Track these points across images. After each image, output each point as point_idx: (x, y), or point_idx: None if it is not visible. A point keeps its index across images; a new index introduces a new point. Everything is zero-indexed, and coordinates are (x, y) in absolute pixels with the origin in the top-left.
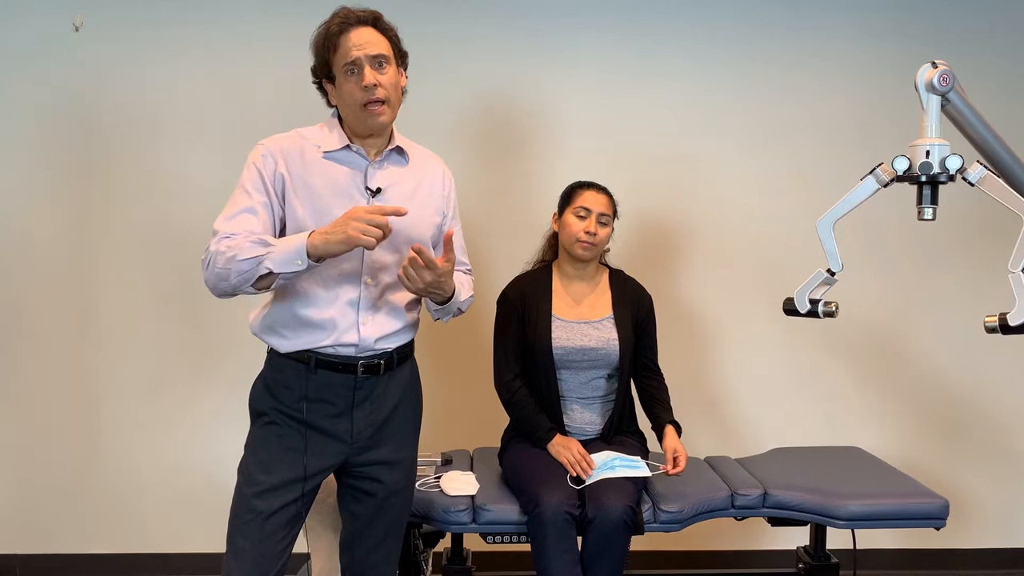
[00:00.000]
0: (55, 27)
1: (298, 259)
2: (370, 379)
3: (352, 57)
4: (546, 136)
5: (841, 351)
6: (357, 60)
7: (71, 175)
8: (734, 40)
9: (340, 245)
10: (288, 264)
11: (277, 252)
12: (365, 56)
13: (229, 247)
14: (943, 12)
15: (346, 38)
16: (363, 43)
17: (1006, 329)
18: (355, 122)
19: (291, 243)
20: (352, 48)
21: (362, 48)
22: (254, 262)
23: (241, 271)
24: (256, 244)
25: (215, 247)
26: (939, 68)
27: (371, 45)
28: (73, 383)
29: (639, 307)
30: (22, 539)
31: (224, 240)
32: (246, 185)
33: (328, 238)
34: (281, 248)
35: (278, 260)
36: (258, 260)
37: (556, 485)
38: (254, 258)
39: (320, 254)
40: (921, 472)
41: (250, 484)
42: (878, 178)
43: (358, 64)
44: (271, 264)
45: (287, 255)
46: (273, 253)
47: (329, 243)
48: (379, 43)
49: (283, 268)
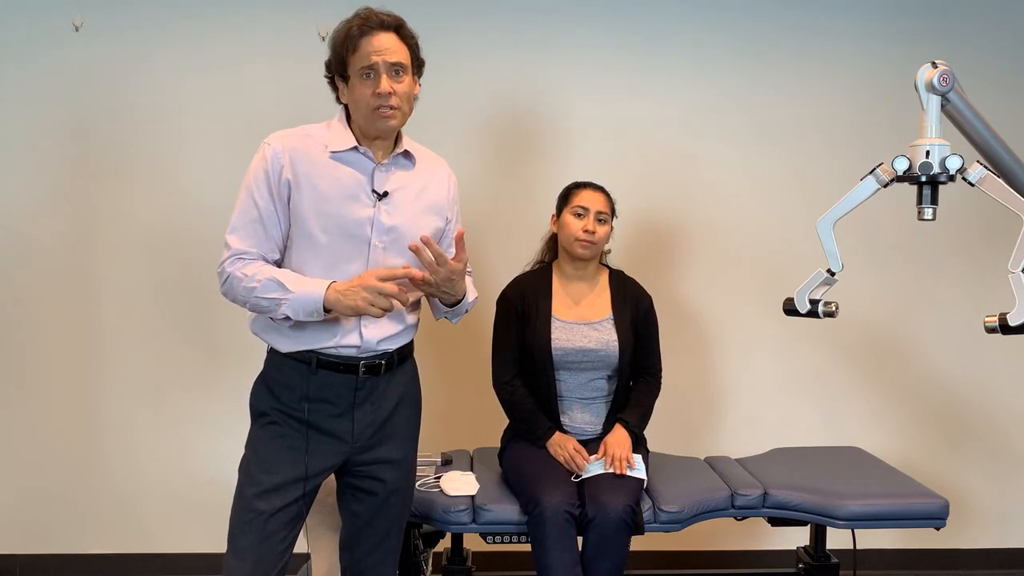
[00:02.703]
0: (55, 27)
1: (315, 312)
2: (371, 379)
3: (371, 61)
4: (547, 137)
5: (841, 351)
6: (375, 65)
7: (71, 175)
8: (735, 40)
9: (350, 311)
10: (306, 315)
11: (296, 300)
12: (383, 63)
13: (245, 275)
14: (943, 12)
15: (367, 41)
16: (383, 49)
17: (1006, 329)
18: (364, 123)
19: (309, 294)
20: (372, 53)
21: (381, 54)
22: (273, 303)
23: (260, 307)
24: (275, 285)
25: (231, 269)
26: (939, 68)
27: (391, 52)
28: (73, 383)
29: (638, 307)
30: (23, 539)
31: (239, 263)
32: (252, 191)
33: (342, 301)
34: (300, 296)
35: (297, 309)
36: (276, 303)
37: (556, 485)
38: (273, 299)
39: (333, 311)
40: (921, 472)
41: (251, 484)
42: (878, 178)
43: (375, 69)
44: (289, 312)
45: (305, 306)
46: (292, 300)
47: (341, 305)
48: (399, 51)
49: (300, 317)
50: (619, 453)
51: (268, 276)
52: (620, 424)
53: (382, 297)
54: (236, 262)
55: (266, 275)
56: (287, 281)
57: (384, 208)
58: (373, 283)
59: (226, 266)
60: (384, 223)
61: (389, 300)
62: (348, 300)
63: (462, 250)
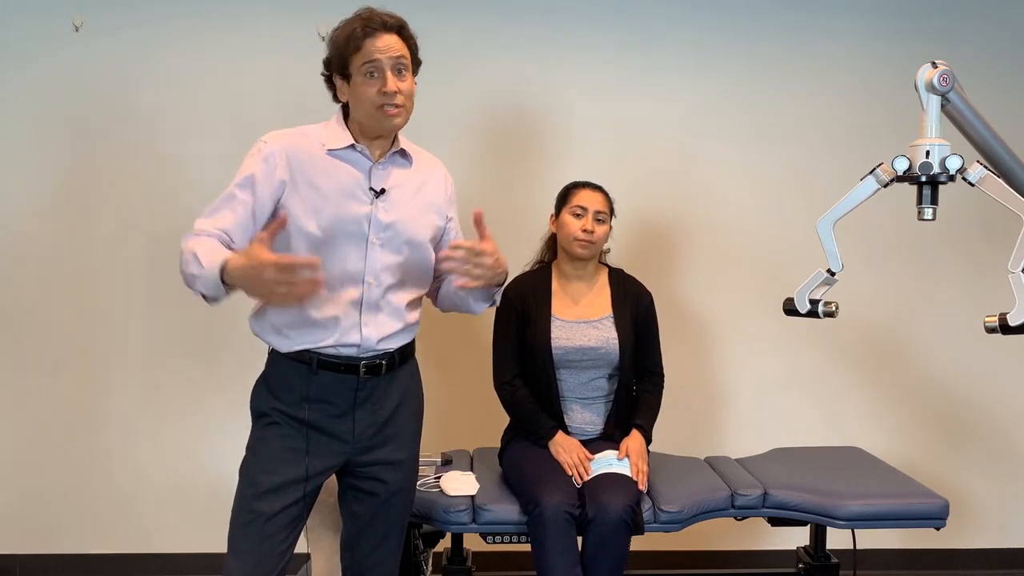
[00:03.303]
0: (55, 27)
1: (217, 288)
2: (372, 379)
3: (374, 58)
4: (547, 137)
5: (841, 351)
6: (379, 63)
7: (71, 175)
8: (735, 40)
9: (260, 299)
10: (215, 292)
11: (206, 273)
12: (388, 60)
13: (183, 249)
14: (943, 12)
15: (370, 42)
16: (387, 48)
17: (1006, 329)
18: (367, 121)
19: (214, 267)
20: (375, 51)
21: (385, 53)
22: (191, 279)
23: (187, 283)
24: (192, 259)
25: (182, 244)
26: (939, 68)
27: (394, 51)
28: (73, 383)
29: (638, 305)
30: (23, 539)
31: (192, 238)
32: (236, 183)
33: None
34: (209, 269)
35: (207, 285)
36: (193, 278)
37: (556, 485)
38: (191, 275)
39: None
40: (921, 472)
41: (252, 485)
42: (878, 178)
43: (379, 67)
44: (203, 289)
45: (211, 277)
46: (203, 277)
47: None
48: (402, 50)
49: (211, 293)
50: (643, 465)
51: (192, 250)
52: (638, 430)
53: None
54: (191, 237)
55: (192, 248)
56: (203, 256)
57: (382, 205)
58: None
59: (183, 242)
60: (382, 220)
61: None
62: (249, 285)
63: (483, 226)
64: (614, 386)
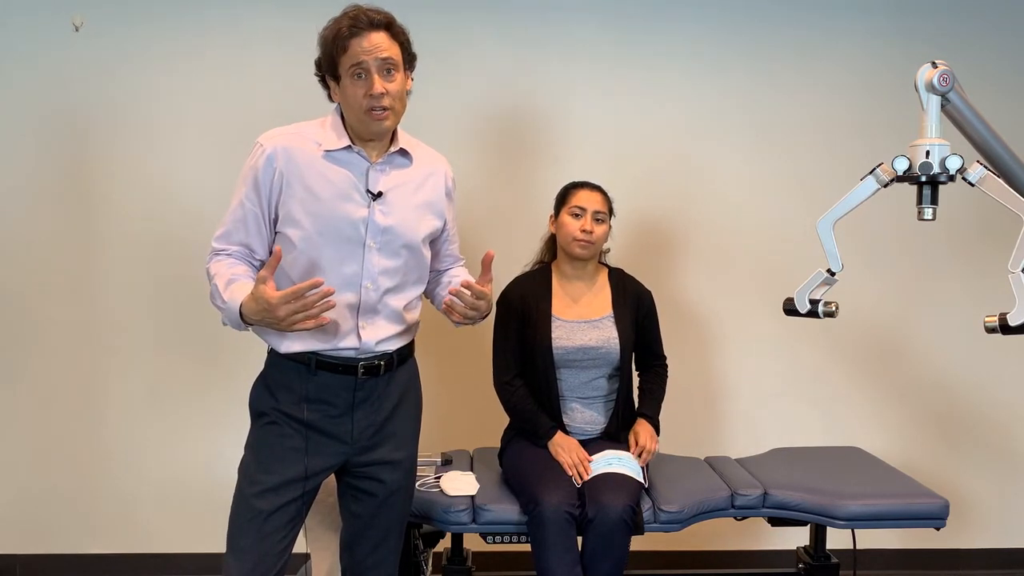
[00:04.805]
0: (55, 27)
1: (239, 327)
2: (370, 380)
3: (360, 60)
4: (547, 137)
5: (841, 351)
6: (365, 64)
7: (71, 174)
8: (735, 40)
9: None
10: (237, 327)
11: (228, 312)
12: (374, 61)
13: (210, 272)
14: (943, 12)
15: (357, 42)
16: (373, 48)
17: (1006, 329)
18: (357, 124)
19: (233, 308)
20: (361, 52)
21: (372, 53)
22: (218, 309)
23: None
24: (217, 293)
25: (208, 264)
26: (939, 68)
27: (381, 51)
28: (73, 383)
29: (639, 305)
30: (23, 539)
31: (214, 259)
32: (241, 192)
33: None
34: (230, 309)
35: (231, 320)
36: (220, 310)
37: (556, 485)
38: (217, 306)
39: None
40: (921, 472)
41: (251, 484)
42: (878, 178)
43: (366, 68)
44: (229, 324)
45: (233, 318)
46: (226, 311)
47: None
48: (390, 49)
49: (239, 329)
50: (650, 446)
51: (215, 279)
52: (644, 419)
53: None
54: (213, 258)
55: (214, 277)
56: (224, 291)
57: (379, 208)
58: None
59: (207, 264)
60: (379, 224)
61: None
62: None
63: (488, 271)
64: (615, 386)
